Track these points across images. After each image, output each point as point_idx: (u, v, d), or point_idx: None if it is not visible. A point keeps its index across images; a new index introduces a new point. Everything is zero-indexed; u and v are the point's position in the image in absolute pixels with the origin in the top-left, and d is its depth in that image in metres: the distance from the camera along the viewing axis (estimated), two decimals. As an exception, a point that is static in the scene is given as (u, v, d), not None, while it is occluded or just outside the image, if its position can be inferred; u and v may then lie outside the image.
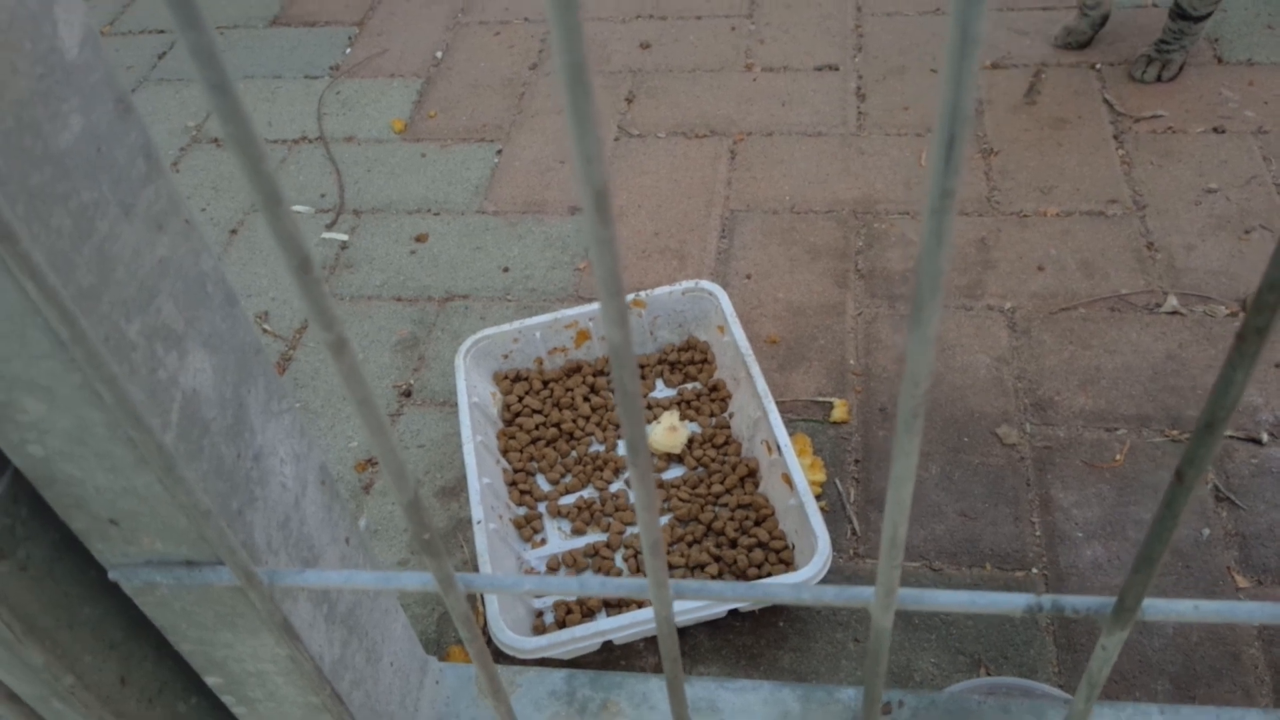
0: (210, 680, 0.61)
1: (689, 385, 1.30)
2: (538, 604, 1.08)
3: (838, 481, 1.20)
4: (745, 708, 0.77)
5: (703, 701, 0.78)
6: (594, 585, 0.44)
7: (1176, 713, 0.75)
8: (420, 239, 1.61)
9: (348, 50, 2.10)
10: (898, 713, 0.78)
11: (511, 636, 0.95)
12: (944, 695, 0.78)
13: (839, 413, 1.26)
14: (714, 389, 1.28)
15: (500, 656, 1.00)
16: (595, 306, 1.30)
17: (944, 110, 0.21)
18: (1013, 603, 0.45)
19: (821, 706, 0.77)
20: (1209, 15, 1.62)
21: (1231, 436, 1.18)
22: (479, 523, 1.04)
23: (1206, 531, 1.10)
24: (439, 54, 2.04)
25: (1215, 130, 1.61)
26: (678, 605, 0.99)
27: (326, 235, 1.65)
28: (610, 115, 1.82)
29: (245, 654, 0.59)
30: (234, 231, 1.68)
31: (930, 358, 0.26)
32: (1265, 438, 1.18)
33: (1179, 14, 1.63)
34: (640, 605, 1.02)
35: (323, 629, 0.62)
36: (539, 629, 1.06)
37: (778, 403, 1.29)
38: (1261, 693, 0.98)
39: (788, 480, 1.07)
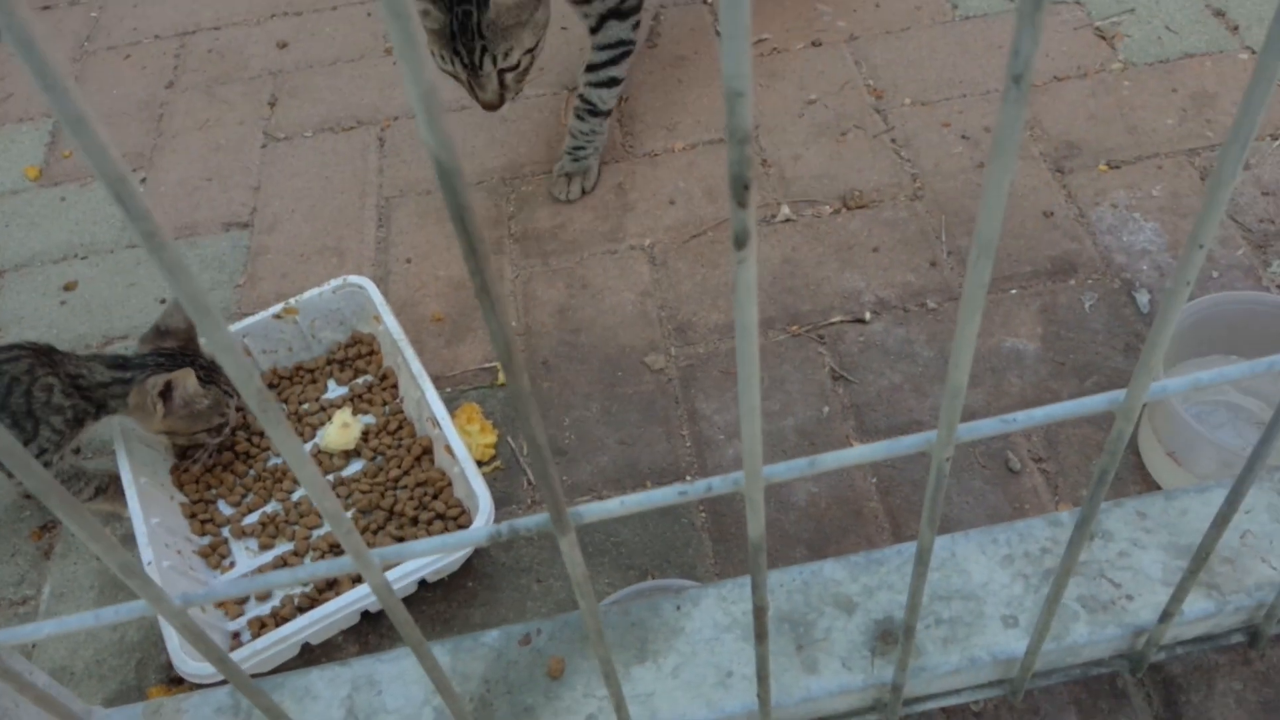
0: None
1: (360, 379, 1.34)
2: (232, 626, 1.11)
3: (510, 439, 1.27)
4: (400, 674, 0.83)
5: (361, 678, 0.84)
6: (96, 618, 0.48)
7: (784, 574, 0.87)
8: (69, 287, 1.55)
9: (-34, 100, 1.96)
10: (537, 639, 0.86)
11: (193, 666, 0.97)
12: (575, 614, 0.87)
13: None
14: (384, 377, 1.33)
15: (196, 689, 1.02)
16: (246, 323, 1.31)
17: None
18: (478, 535, 0.53)
19: (469, 653, 0.84)
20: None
21: (841, 321, 1.34)
22: (149, 564, 1.05)
23: (826, 409, 1.25)
24: (66, 88, 1.94)
25: (813, 44, 1.78)
26: (362, 590, 1.04)
27: (-32, 303, 1.56)
28: (254, 123, 1.80)
29: None
30: None
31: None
32: (868, 316, 1.34)
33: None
34: (330, 597, 1.06)
35: (-85, 714, 0.63)
36: (237, 650, 1.09)
37: (449, 376, 1.35)
38: (882, 539, 1.13)
39: (449, 450, 1.14)
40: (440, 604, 1.13)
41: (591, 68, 1.49)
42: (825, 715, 0.84)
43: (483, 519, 1.07)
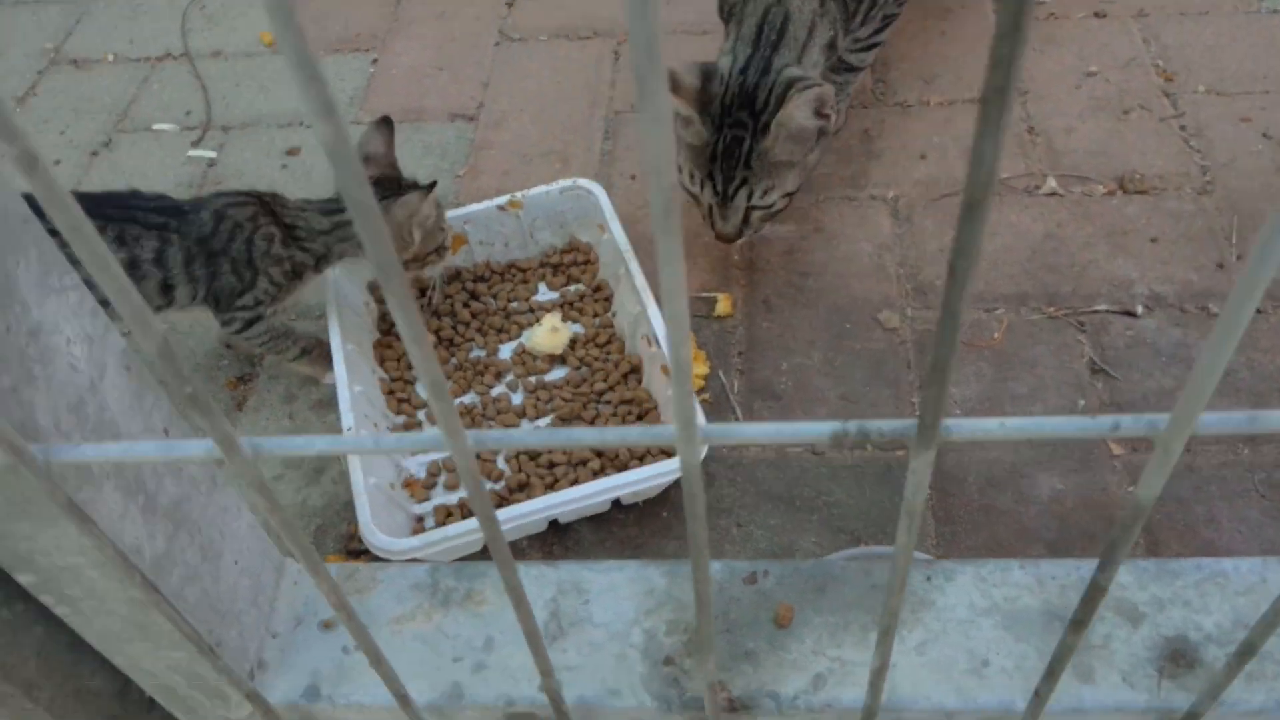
0: (23, 579, 0.57)
1: (572, 287, 1.27)
2: (417, 509, 1.06)
3: (721, 374, 1.19)
4: (611, 586, 0.76)
5: (568, 583, 0.77)
6: (389, 442, 0.41)
7: (1036, 566, 0.76)
8: (292, 153, 1.54)
9: (213, -38, 1.99)
10: (763, 581, 0.77)
11: (383, 539, 0.92)
12: (809, 563, 0.77)
13: (722, 307, 1.25)
14: (597, 289, 1.26)
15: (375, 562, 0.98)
16: (470, 210, 1.26)
17: None
18: (819, 430, 0.43)
19: (687, 580, 0.76)
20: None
21: (1107, 310, 1.20)
22: (349, 430, 1.01)
23: (1082, 403, 1.11)
24: (310, -38, 1.94)
25: (1096, 15, 1.61)
26: (556, 498, 0.98)
27: (193, 153, 1.57)
28: (491, 20, 1.75)
29: (49, 546, 0.55)
30: (95, 154, 1.59)
31: (667, 142, 0.23)
32: (1140, 310, 1.19)
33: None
34: (521, 500, 1.00)
35: (138, 520, 0.59)
36: (419, 534, 1.04)
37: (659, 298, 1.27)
38: (1133, 551, 1.00)
39: (666, 371, 1.06)
40: (632, 528, 1.05)
41: (856, 38, 1.37)
42: (1091, 732, 0.73)
43: (697, 447, 0.98)
